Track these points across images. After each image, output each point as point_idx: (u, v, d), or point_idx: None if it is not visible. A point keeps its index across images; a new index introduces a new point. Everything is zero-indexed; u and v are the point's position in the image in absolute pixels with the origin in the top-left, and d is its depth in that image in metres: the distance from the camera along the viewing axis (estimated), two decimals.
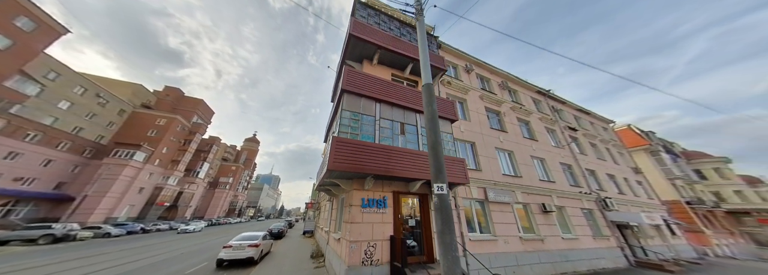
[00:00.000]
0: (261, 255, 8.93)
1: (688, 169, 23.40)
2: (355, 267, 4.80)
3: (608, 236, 10.67)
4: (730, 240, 18.37)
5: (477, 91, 11.43)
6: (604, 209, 11.55)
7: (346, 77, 6.14)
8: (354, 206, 5.29)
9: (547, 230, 8.85)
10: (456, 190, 7.50)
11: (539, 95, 15.16)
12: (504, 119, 11.52)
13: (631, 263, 10.26)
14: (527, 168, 10.39)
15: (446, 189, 2.82)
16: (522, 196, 9.20)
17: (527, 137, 11.94)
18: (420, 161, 5.99)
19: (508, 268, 7.07)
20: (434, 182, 2.82)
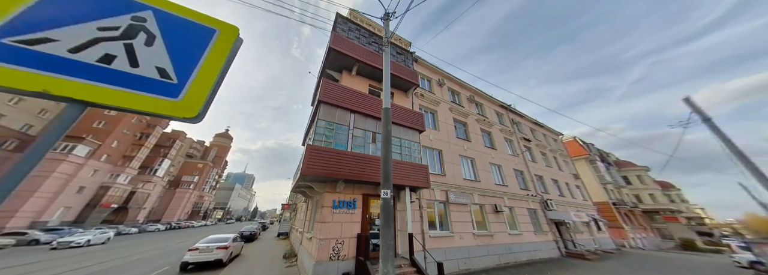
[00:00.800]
0: (230, 257, 8.90)
1: (618, 176, 27.95)
2: (322, 262, 5.35)
3: (547, 232, 12.61)
4: (642, 235, 22.45)
5: (447, 103, 12.71)
6: (546, 209, 13.58)
7: (323, 88, 6.70)
8: (325, 207, 5.84)
9: (497, 227, 10.27)
10: (421, 193, 8.44)
11: (502, 108, 17.16)
12: (469, 130, 12.96)
13: (562, 253, 12.27)
14: (485, 174, 11.86)
15: (390, 194, 3.56)
16: (479, 198, 10.54)
17: (488, 146, 13.55)
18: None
19: (461, 260, 8.18)
20: (382, 188, 3.55)
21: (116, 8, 0.83)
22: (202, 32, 0.96)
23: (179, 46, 0.88)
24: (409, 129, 8.11)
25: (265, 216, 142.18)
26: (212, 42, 0.96)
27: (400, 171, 6.83)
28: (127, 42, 0.81)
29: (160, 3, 0.92)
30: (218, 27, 0.99)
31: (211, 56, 0.93)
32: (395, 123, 7.74)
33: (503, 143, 14.69)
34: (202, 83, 0.87)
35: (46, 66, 0.69)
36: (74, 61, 0.72)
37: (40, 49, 0.71)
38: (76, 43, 0.75)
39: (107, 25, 0.80)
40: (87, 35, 0.77)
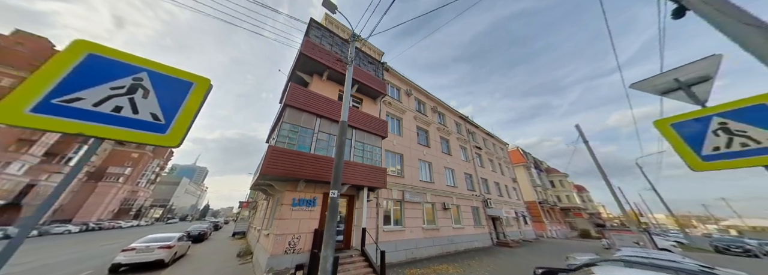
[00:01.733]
0: (174, 257, 8.35)
1: (546, 180, 33.94)
2: (277, 256, 5.71)
3: (484, 225, 14.96)
4: (557, 227, 27.90)
5: (413, 112, 13.99)
6: (486, 207, 16.05)
7: (290, 93, 6.97)
8: (285, 205, 6.20)
9: (443, 222, 11.88)
10: (379, 192, 9.35)
11: (461, 119, 19.44)
12: (430, 137, 14.49)
13: (494, 243, 14.75)
14: (439, 176, 13.49)
15: (337, 194, 4.23)
16: (431, 197, 12.01)
17: (445, 152, 15.34)
18: (349, 169, 7.43)
19: (409, 250, 9.35)
20: (331, 189, 4.20)
21: (121, 73, 1.25)
22: (183, 85, 1.41)
23: (166, 96, 1.32)
24: (373, 135, 8.91)
25: (219, 214, 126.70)
26: (190, 91, 1.42)
27: (360, 173, 7.57)
28: (130, 96, 1.24)
29: (152, 65, 1.35)
30: (195, 80, 1.45)
31: (189, 101, 1.40)
32: (360, 129, 8.45)
33: (458, 149, 16.75)
34: (183, 121, 1.34)
35: (80, 116, 1.10)
36: (97, 112, 1.14)
37: (75, 105, 1.10)
38: (97, 99, 1.15)
39: (116, 85, 1.22)
40: (103, 94, 1.18)
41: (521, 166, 28.15)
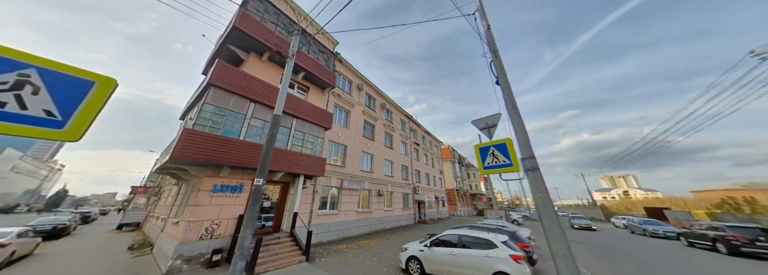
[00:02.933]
0: (11, 258, 6.25)
1: (464, 172, 42.35)
2: (189, 242, 5.38)
3: (411, 208, 17.86)
4: (466, 208, 35.93)
5: (362, 106, 14.63)
6: (415, 193, 19.07)
7: (217, 71, 6.07)
8: (202, 190, 5.79)
9: (376, 206, 13.54)
10: (317, 180, 9.77)
11: (406, 118, 21.57)
12: (375, 131, 15.64)
13: (416, 221, 17.95)
14: (379, 167, 14.98)
15: (263, 183, 4.49)
16: (369, 185, 13.33)
17: (387, 146, 16.95)
18: (286, 158, 7.48)
19: (341, 230, 10.38)
20: (257, 177, 4.40)
21: (3, 68, 1.28)
22: (81, 83, 1.43)
23: (62, 94, 1.35)
24: (316, 126, 9.07)
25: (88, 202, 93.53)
26: (92, 90, 1.45)
27: (297, 162, 7.75)
28: (16, 92, 1.27)
29: (42, 62, 1.38)
30: (97, 79, 1.50)
31: (91, 100, 1.44)
32: (302, 119, 8.44)
33: (400, 144, 18.77)
34: (84, 117, 1.43)
35: None
36: None
37: None
38: None
39: None
40: None
41: (449, 161, 34.00)
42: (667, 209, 23.15)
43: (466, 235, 5.48)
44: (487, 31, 5.84)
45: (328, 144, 11.11)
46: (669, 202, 38.10)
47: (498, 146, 4.12)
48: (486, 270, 4.72)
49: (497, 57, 5.41)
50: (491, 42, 5.61)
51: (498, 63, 5.38)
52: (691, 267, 7.62)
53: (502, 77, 5.23)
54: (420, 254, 5.66)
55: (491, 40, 5.64)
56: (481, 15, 6.19)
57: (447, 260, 5.25)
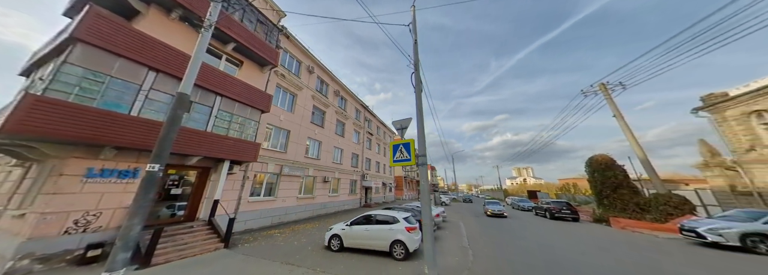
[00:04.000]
0: None
1: None
2: (43, 238, 4.18)
3: (358, 193, 18.78)
4: (411, 193, 40.31)
5: (312, 91, 13.77)
6: (363, 180, 20.03)
7: (86, 22, 4.41)
8: (68, 175, 4.52)
9: (321, 192, 13.63)
10: (250, 165, 9.01)
11: (362, 107, 21.62)
12: (326, 118, 15.17)
13: (361, 205, 19.14)
14: (327, 154, 14.86)
15: (159, 168, 3.94)
16: (313, 172, 13.16)
17: (338, 134, 16.81)
18: (206, 140, 6.52)
19: (277, 216, 10.10)
20: (152, 163, 3.80)
21: None
22: None
23: None
24: (248, 107, 8.14)
25: None
26: None
27: (220, 145, 6.91)
28: None
29: None
30: None
31: None
32: (230, 98, 7.41)
33: (352, 133, 18.89)
34: None
35: None
36: None
37: None
38: None
39: None
40: None
41: None
42: (538, 191, 32.53)
43: (379, 214, 6.41)
44: (414, 45, 6.43)
45: (267, 128, 10.20)
46: (543, 187, 53.10)
47: (405, 145, 5.29)
48: (388, 239, 5.77)
49: (417, 70, 6.13)
50: (415, 56, 6.25)
51: (417, 75, 6.12)
52: (531, 225, 11.56)
53: (418, 87, 6.02)
54: (341, 232, 6.33)
55: (416, 54, 6.28)
56: (412, 29, 6.69)
57: (362, 235, 6.10)
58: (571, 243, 7.98)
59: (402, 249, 5.64)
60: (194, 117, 6.53)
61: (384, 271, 4.95)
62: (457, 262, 5.64)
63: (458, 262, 5.64)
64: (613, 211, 12.30)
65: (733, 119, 11.55)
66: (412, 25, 6.69)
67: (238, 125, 7.76)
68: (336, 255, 5.93)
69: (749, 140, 11.04)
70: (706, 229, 7.32)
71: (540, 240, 8.36)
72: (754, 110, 10.83)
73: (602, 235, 9.56)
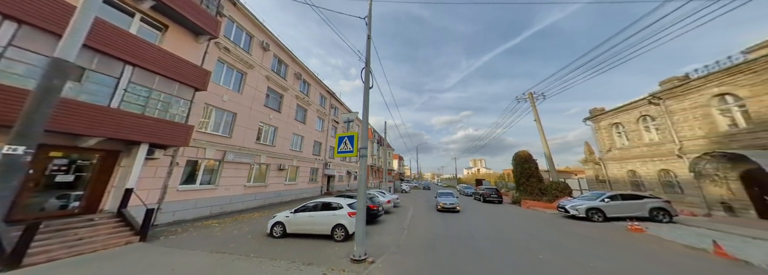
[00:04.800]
0: None
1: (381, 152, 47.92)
2: None
3: (319, 181, 18.58)
4: (377, 181, 41.90)
5: (266, 70, 12.35)
6: (326, 168, 19.78)
7: None
8: None
9: (275, 180, 12.98)
10: (181, 150, 7.89)
11: (328, 94, 20.57)
12: (284, 103, 13.99)
13: (322, 193, 19.12)
14: (284, 141, 13.98)
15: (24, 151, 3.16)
16: (266, 159, 12.32)
17: (299, 120, 15.83)
18: (111, 118, 5.32)
19: (219, 206, 9.31)
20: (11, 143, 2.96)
21: None
22: None
23: None
24: (175, 82, 6.88)
25: None
26: None
27: (133, 125, 5.78)
28: None
29: None
30: None
31: None
32: (146, 69, 6.11)
33: (315, 120, 18.01)
34: None
35: None
36: None
37: None
38: None
39: None
40: None
41: (369, 141, 36.93)
42: (483, 179, 37.85)
43: (325, 201, 6.59)
44: (367, 41, 6.27)
45: (205, 109, 8.91)
46: (489, 176, 61.73)
47: (349, 137, 5.81)
48: (330, 224, 6.08)
49: (368, 66, 6.08)
50: (368, 51, 6.14)
51: (367, 71, 6.08)
52: (473, 205, 13.86)
53: (366, 83, 6.03)
54: (285, 219, 6.34)
55: (368, 49, 6.16)
56: (368, 23, 6.45)
57: (306, 221, 6.24)
58: (489, 220, 9.71)
59: (342, 232, 5.98)
60: (90, 89, 5.24)
61: (321, 251, 5.22)
62: (391, 240, 6.30)
63: (392, 240, 6.30)
64: (525, 195, 15.27)
65: (603, 128, 15.15)
66: (368, 19, 6.44)
67: (161, 103, 6.58)
68: (277, 241, 5.94)
69: (609, 143, 14.76)
70: (569, 206, 9.85)
71: (467, 218, 9.89)
72: (615, 122, 14.38)
73: (512, 213, 11.89)
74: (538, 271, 4.32)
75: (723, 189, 9.16)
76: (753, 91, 8.39)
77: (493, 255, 5.20)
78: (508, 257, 5.13)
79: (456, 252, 5.41)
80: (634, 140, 13.28)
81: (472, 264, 4.64)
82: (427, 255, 5.05)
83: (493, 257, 5.09)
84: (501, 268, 4.42)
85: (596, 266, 4.56)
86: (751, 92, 8.45)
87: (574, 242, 6.48)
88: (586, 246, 6.03)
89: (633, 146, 13.35)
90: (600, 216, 9.16)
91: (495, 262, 4.76)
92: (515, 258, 5.04)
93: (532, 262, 4.78)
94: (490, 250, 5.59)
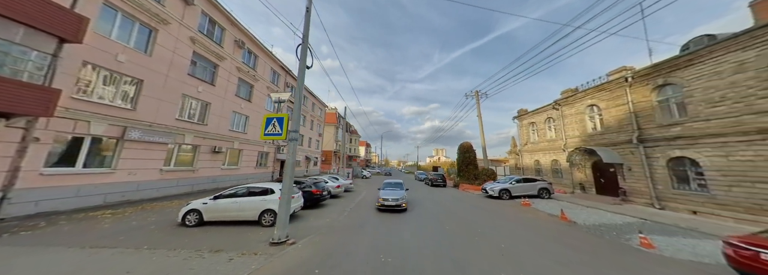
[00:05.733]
0: None
1: (347, 138, 47.11)
2: None
3: (269, 166, 17.14)
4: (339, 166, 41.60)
5: (189, 30, 9.84)
6: (278, 152, 18.27)
7: None
8: None
9: (207, 164, 11.25)
10: (47, 122, 5.83)
11: (282, 70, 18.19)
12: (219, 74, 11.68)
13: (273, 179, 17.86)
14: (220, 119, 11.97)
15: None
16: (193, 139, 10.40)
17: (243, 97, 13.66)
18: None
19: (117, 194, 7.54)
20: None
21: None
22: None
23: None
24: (20, 25, 4.75)
25: None
26: None
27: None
28: None
29: None
30: None
31: None
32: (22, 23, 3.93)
33: (265, 98, 15.91)
34: None
35: None
36: None
37: None
38: None
39: None
40: None
41: (333, 125, 35.50)
42: (439, 166, 42.21)
43: (253, 186, 6.16)
44: (306, 14, 5.52)
45: (89, 71, 6.61)
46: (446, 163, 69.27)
47: (278, 119, 5.29)
48: (259, 209, 5.79)
49: (305, 42, 5.45)
50: (306, 26, 5.44)
51: (303, 48, 5.46)
52: (421, 188, 15.44)
53: (303, 61, 5.46)
54: (202, 206, 5.70)
55: (306, 24, 5.46)
56: None
57: (229, 207, 5.76)
58: (428, 200, 10.99)
59: (272, 217, 5.75)
60: None
61: (242, 237, 4.93)
62: (326, 222, 6.43)
63: (328, 222, 6.44)
64: (463, 179, 17.84)
65: (524, 126, 18.61)
66: None
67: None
68: (190, 230, 5.30)
69: (526, 138, 18.38)
70: (489, 188, 12.11)
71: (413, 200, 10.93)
72: (531, 122, 17.79)
73: (448, 194, 13.80)
74: (442, 237, 5.17)
75: (582, 174, 12.61)
76: (607, 104, 11.33)
77: (412, 227, 5.93)
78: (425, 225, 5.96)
79: (379, 228, 5.93)
80: (541, 137, 16.66)
81: (391, 238, 5.17)
82: (352, 234, 5.37)
83: (411, 229, 5.81)
84: (411, 239, 5.09)
85: (483, 231, 5.75)
86: (606, 105, 11.40)
87: (477, 212, 8.01)
88: (481, 216, 7.53)
89: (540, 141, 16.75)
90: (507, 195, 11.47)
91: (409, 232, 5.45)
92: (428, 227, 5.89)
93: (439, 231, 5.67)
94: (412, 223, 6.37)
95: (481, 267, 3.68)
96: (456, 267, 3.68)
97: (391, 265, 3.69)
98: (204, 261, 3.66)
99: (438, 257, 4.09)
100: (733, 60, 7.05)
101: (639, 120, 9.71)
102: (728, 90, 7.13)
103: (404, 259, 3.94)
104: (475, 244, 4.83)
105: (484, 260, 3.99)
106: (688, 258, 4.30)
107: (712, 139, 7.37)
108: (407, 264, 3.76)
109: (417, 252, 4.29)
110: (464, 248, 4.59)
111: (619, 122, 10.65)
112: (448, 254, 4.24)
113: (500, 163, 24.05)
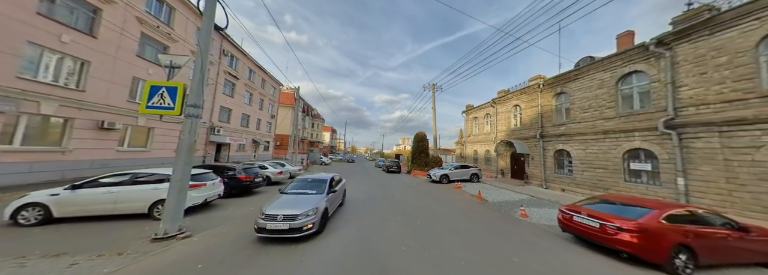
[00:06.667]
0: None
1: (309, 122, 43.74)
2: None
3: (199, 149, 14.38)
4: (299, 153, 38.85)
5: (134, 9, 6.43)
6: (212, 133, 15.37)
7: None
8: None
9: (89, 144, 8.46)
10: None
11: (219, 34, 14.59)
12: (101, 22, 8.37)
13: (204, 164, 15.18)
14: (110, 86, 8.87)
15: None
16: (59, 109, 7.47)
17: (148, 59, 10.44)
18: None
19: None
20: None
21: None
22: None
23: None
24: None
25: None
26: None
27: None
28: None
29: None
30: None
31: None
32: None
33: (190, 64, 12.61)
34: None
35: None
36: None
37: None
38: None
39: None
40: None
41: (290, 107, 31.98)
42: (400, 154, 44.29)
43: (143, 173, 4.98)
44: None
45: None
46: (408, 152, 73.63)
47: (170, 89, 3.98)
48: (149, 200, 4.73)
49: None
50: None
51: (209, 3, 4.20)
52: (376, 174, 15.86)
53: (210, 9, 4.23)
54: (49, 199, 4.22)
55: None
56: None
57: (98, 199, 4.52)
58: (376, 185, 11.29)
59: None
60: None
61: (113, 235, 3.90)
62: (247, 211, 5.78)
63: (252, 210, 5.80)
64: (416, 166, 19.17)
65: (470, 119, 20.99)
66: None
67: None
68: (26, 230, 3.88)
69: (470, 131, 20.88)
70: (431, 173, 13.42)
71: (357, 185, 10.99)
72: (475, 116, 20.16)
73: (398, 179, 14.65)
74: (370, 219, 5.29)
75: (504, 162, 15.17)
76: (526, 105, 13.59)
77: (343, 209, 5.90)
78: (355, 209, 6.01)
79: None
80: (480, 130, 19.01)
81: None
82: None
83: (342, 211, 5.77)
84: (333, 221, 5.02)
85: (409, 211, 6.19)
86: (525, 105, 13.67)
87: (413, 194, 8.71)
88: (415, 198, 8.20)
89: (479, 133, 19.13)
90: (446, 179, 12.86)
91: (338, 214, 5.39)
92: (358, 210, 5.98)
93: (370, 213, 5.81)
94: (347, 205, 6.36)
95: (389, 245, 3.87)
96: (363, 245, 3.78)
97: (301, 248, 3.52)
98: (22, 272, 2.67)
99: (352, 238, 4.13)
100: (598, 78, 9.15)
101: (543, 120, 11.93)
102: (592, 101, 9.32)
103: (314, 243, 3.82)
104: (396, 223, 5.13)
105: (393, 237, 4.24)
106: (545, 223, 5.62)
107: (579, 137, 9.68)
108: (316, 247, 3.65)
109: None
110: (381, 227, 4.81)
111: (531, 121, 12.90)
112: (362, 235, 4.34)
113: (450, 152, 26.75)
